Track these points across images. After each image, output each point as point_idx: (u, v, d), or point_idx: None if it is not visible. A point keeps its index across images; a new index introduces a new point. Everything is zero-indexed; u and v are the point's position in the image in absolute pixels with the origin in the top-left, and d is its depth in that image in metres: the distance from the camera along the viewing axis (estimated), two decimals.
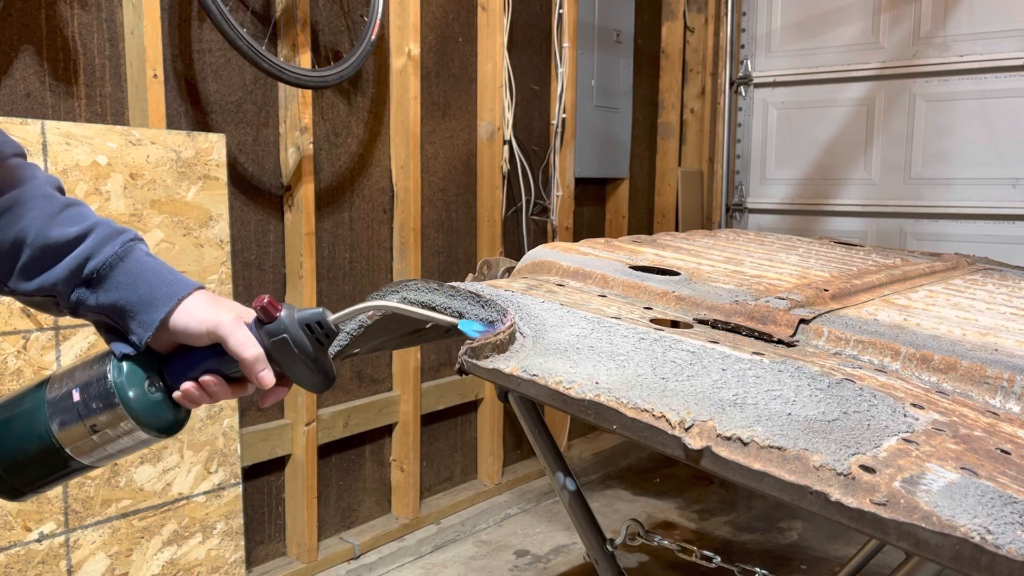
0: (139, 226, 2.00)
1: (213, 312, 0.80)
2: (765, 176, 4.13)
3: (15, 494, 0.81)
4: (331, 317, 0.82)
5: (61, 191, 0.86)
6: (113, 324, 0.82)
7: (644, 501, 3.35)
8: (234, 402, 2.21)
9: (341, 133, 2.67)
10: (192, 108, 2.27)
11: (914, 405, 0.87)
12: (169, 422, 0.81)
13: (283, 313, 0.81)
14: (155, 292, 0.81)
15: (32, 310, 1.64)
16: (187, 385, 0.81)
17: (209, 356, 0.80)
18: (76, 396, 0.78)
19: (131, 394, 0.78)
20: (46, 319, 1.84)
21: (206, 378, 0.81)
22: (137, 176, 1.99)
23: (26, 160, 0.86)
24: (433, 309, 1.12)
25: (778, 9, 4.00)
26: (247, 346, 0.79)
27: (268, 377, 0.80)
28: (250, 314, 0.82)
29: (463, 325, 0.84)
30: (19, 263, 0.81)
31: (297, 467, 2.56)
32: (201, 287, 0.85)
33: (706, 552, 1.63)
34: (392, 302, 1.01)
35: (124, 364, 0.79)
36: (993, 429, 0.87)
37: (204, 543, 2.17)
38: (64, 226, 0.81)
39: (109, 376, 0.79)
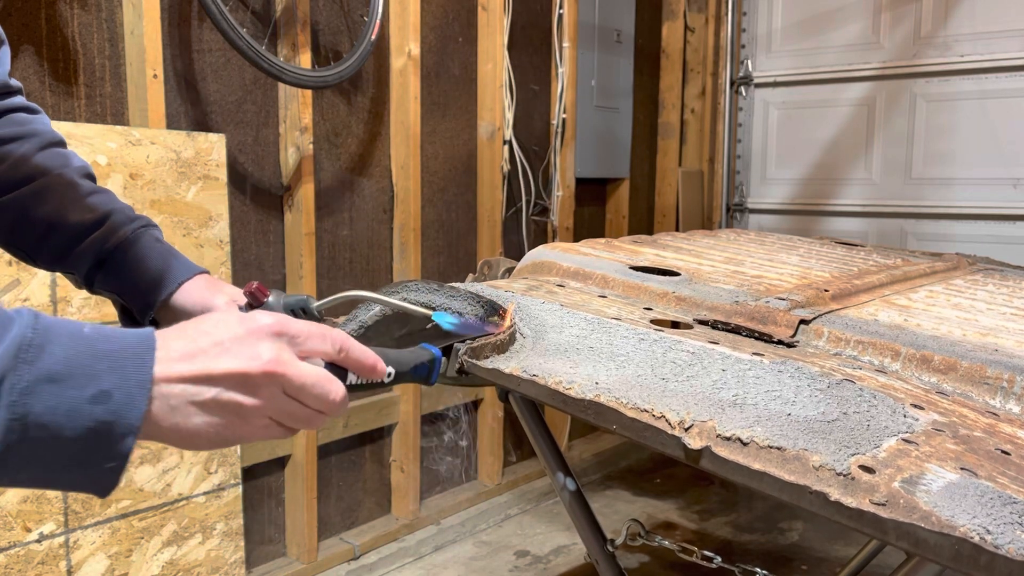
0: None
1: (209, 295, 0.93)
2: (766, 176, 4.13)
3: None
4: (315, 304, 0.94)
5: (92, 178, 0.98)
6: (125, 304, 0.95)
7: (644, 501, 3.35)
8: None
9: (341, 133, 2.67)
10: (192, 108, 2.27)
11: (914, 406, 0.87)
12: None
13: (271, 298, 0.92)
14: (159, 276, 0.93)
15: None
16: None
17: None
18: None
19: None
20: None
21: None
22: (137, 176, 1.99)
23: (64, 148, 0.98)
24: (432, 308, 1.12)
25: (778, 9, 4.00)
26: None
27: None
28: (243, 297, 0.93)
29: (436, 316, 0.91)
30: (46, 243, 0.93)
31: (297, 467, 2.56)
32: (204, 272, 0.96)
33: (707, 552, 1.63)
34: (376, 295, 1.02)
35: None
36: (993, 429, 0.86)
37: (204, 543, 2.17)
38: (85, 212, 0.93)
39: None
